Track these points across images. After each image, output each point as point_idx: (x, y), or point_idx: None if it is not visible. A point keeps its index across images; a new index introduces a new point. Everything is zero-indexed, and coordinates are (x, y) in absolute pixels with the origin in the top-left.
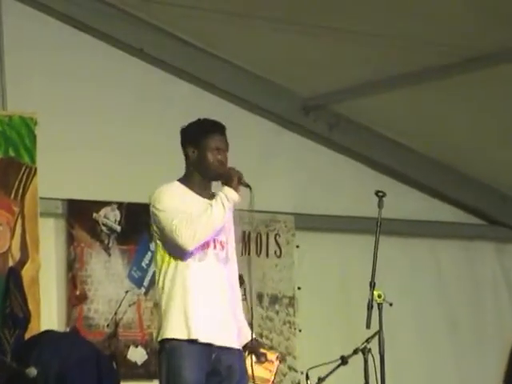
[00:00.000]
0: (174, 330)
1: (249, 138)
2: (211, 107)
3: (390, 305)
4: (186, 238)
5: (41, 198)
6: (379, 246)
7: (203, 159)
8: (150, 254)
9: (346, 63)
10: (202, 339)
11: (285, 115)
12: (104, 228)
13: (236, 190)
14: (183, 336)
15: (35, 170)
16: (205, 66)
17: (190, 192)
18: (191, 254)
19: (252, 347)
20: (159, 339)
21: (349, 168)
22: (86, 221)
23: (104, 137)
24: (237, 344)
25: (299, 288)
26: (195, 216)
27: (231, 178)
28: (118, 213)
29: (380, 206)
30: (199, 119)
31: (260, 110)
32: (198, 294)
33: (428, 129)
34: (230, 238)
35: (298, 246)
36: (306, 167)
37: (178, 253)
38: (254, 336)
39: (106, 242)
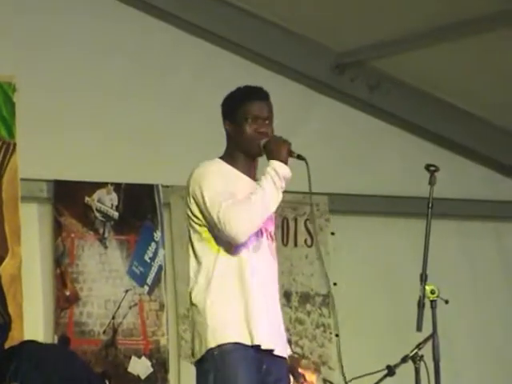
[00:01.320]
0: (233, 333)
1: (274, 102)
2: (227, 69)
3: (446, 302)
4: (238, 225)
5: (22, 180)
6: (431, 232)
7: (240, 132)
8: (154, 245)
9: (386, 10)
10: (266, 346)
11: (315, 75)
12: (98, 214)
13: (286, 163)
14: (245, 341)
15: (14, 145)
16: (218, 17)
17: (235, 171)
18: (244, 243)
19: (289, 365)
20: (209, 347)
21: (394, 138)
22: (76, 206)
23: (97, 106)
24: (286, 352)
25: (335, 284)
26: (245, 199)
27: (279, 150)
28: (114, 196)
29: (432, 182)
30: (238, 88)
31: (285, 69)
32: (258, 292)
33: (491, 89)
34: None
35: (333, 233)
36: (342, 137)
37: (225, 243)
38: (291, 353)
39: (101, 231)
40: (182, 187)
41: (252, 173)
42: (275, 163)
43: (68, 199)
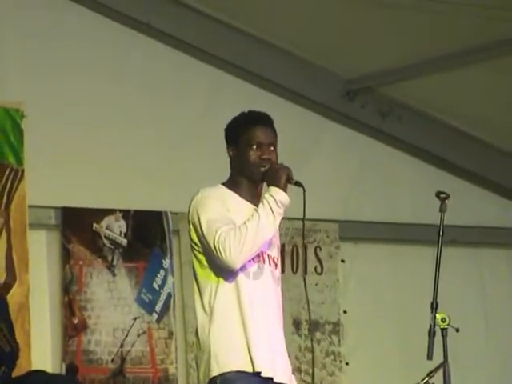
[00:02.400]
0: (235, 361)
1: (283, 130)
2: (236, 95)
3: (457, 330)
4: (232, 252)
5: (30, 207)
6: (442, 259)
7: (244, 158)
8: (162, 272)
9: (396, 36)
10: (266, 373)
11: (325, 102)
12: (107, 242)
13: (284, 190)
14: (247, 368)
15: (22, 172)
16: (227, 42)
17: (237, 197)
18: (245, 270)
19: None
20: (213, 375)
21: (404, 164)
22: (84, 233)
23: (106, 133)
24: (289, 380)
25: (345, 312)
26: (241, 226)
27: (278, 176)
28: (123, 223)
29: (442, 210)
30: (241, 113)
31: (296, 95)
32: (258, 319)
33: (502, 115)
34: (279, 257)
35: (343, 261)
36: (353, 164)
37: (223, 270)
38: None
39: (110, 258)
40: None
41: (256, 199)
42: (273, 189)
43: (76, 226)
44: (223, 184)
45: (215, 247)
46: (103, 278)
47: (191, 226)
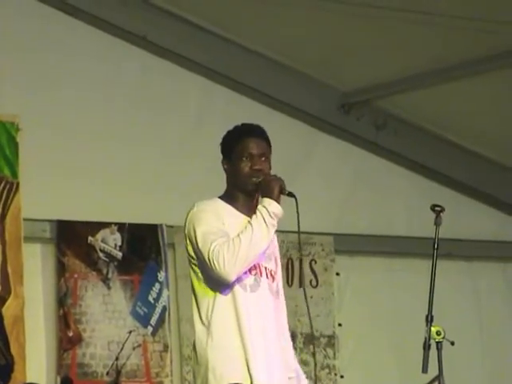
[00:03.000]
0: (233, 375)
1: (278, 142)
2: (230, 108)
3: (452, 344)
4: (226, 265)
5: (24, 220)
6: (437, 272)
7: (236, 170)
8: (157, 285)
9: (392, 50)
10: None
11: (321, 114)
12: (102, 255)
13: (277, 201)
14: (244, 381)
15: (17, 185)
16: (222, 55)
17: (232, 210)
18: (241, 282)
19: None
20: None
21: (399, 177)
22: (79, 246)
23: (101, 147)
24: None
25: (340, 325)
26: (234, 238)
27: (271, 187)
28: (118, 236)
29: (437, 223)
30: (235, 126)
31: (291, 108)
32: (255, 332)
33: (497, 128)
34: (278, 269)
35: (338, 274)
36: (348, 177)
37: (219, 283)
38: None
39: (105, 271)
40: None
41: (252, 211)
42: (266, 201)
43: (71, 239)
44: (220, 197)
45: (209, 260)
46: (98, 291)
47: (187, 239)
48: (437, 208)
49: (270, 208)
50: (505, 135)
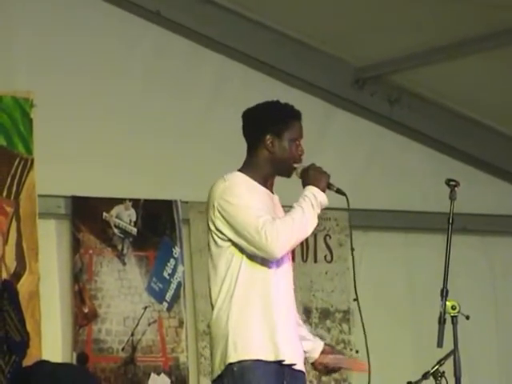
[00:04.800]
0: (255, 349)
1: None
2: (245, 83)
3: (467, 318)
4: (280, 242)
5: (39, 196)
6: (452, 247)
7: (283, 151)
8: (172, 261)
9: (406, 24)
10: (288, 360)
11: (334, 89)
12: (117, 231)
13: (324, 192)
14: (269, 357)
15: (32, 161)
16: (236, 31)
17: (257, 185)
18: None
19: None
20: (230, 361)
21: (414, 153)
22: (94, 222)
23: (116, 122)
24: (304, 367)
25: (355, 299)
26: (287, 218)
27: (319, 178)
28: (133, 212)
29: (452, 197)
30: (276, 102)
31: (304, 83)
32: (282, 307)
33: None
34: None
35: (353, 249)
36: (362, 152)
37: (253, 257)
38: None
39: (120, 247)
40: (201, 203)
41: (270, 189)
42: (315, 189)
43: (86, 215)
44: (241, 171)
45: (260, 235)
46: (113, 267)
47: (217, 213)
48: (452, 182)
49: (319, 197)
50: None
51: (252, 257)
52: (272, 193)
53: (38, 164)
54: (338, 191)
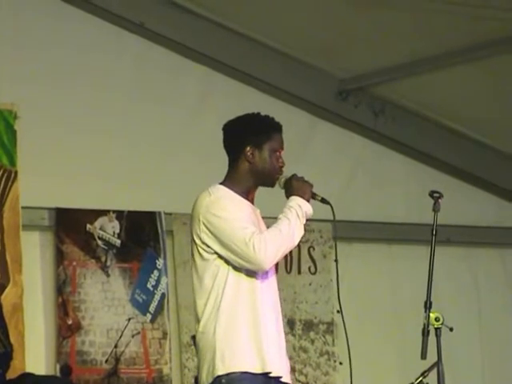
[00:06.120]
0: (243, 361)
1: None
2: (228, 95)
3: (451, 330)
4: (268, 253)
5: (23, 208)
6: (436, 258)
7: (264, 162)
8: (156, 272)
9: (390, 36)
10: (275, 372)
11: (318, 101)
12: (100, 242)
13: (308, 202)
14: (256, 369)
15: (16, 173)
16: (219, 42)
17: (239, 197)
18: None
19: None
20: (218, 374)
21: (397, 164)
22: (78, 234)
23: (99, 134)
24: (290, 380)
25: (339, 311)
26: (274, 229)
27: (304, 189)
28: (116, 223)
29: (436, 209)
30: (256, 114)
31: (289, 95)
32: (269, 319)
33: (495, 115)
34: None
35: (336, 261)
36: (346, 164)
37: (239, 269)
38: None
39: (103, 259)
40: (185, 214)
41: (252, 202)
42: (299, 199)
43: (70, 227)
44: (223, 184)
45: (248, 247)
46: (97, 279)
47: (203, 227)
48: (435, 194)
49: (303, 207)
50: (504, 122)
51: (238, 269)
52: (253, 205)
53: (21, 176)
54: (323, 201)
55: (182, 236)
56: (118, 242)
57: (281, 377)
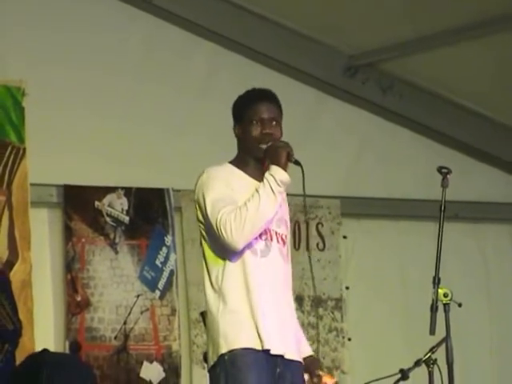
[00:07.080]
0: (244, 339)
1: (284, 106)
2: (237, 70)
3: (459, 305)
4: (234, 233)
5: (31, 185)
6: (444, 234)
7: (247, 135)
8: (165, 249)
9: (398, 12)
10: (275, 350)
11: (326, 77)
12: (109, 219)
13: (284, 168)
14: (256, 346)
15: (24, 150)
16: (227, 19)
17: (243, 175)
18: (251, 247)
19: (308, 365)
20: (221, 352)
21: (406, 140)
22: (86, 211)
23: (107, 111)
24: (298, 356)
25: (347, 288)
26: (241, 206)
27: (278, 154)
28: (125, 200)
29: (444, 185)
30: (248, 90)
31: (297, 72)
32: (266, 297)
33: (505, 91)
34: (289, 234)
35: (345, 237)
36: (354, 140)
37: (226, 251)
38: (313, 353)
39: (112, 236)
40: (193, 191)
41: (262, 176)
42: (273, 168)
43: (78, 204)
44: (230, 162)
45: (217, 227)
46: (105, 256)
47: (197, 206)
48: (443, 170)
49: (276, 176)
50: (507, 94)
51: (224, 253)
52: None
53: (30, 153)
54: (296, 162)
55: (190, 213)
56: (126, 219)
57: (283, 354)
